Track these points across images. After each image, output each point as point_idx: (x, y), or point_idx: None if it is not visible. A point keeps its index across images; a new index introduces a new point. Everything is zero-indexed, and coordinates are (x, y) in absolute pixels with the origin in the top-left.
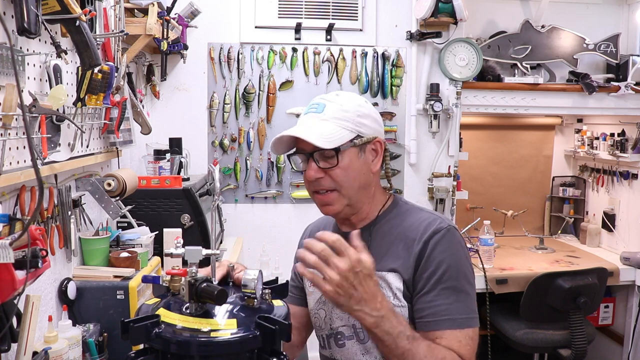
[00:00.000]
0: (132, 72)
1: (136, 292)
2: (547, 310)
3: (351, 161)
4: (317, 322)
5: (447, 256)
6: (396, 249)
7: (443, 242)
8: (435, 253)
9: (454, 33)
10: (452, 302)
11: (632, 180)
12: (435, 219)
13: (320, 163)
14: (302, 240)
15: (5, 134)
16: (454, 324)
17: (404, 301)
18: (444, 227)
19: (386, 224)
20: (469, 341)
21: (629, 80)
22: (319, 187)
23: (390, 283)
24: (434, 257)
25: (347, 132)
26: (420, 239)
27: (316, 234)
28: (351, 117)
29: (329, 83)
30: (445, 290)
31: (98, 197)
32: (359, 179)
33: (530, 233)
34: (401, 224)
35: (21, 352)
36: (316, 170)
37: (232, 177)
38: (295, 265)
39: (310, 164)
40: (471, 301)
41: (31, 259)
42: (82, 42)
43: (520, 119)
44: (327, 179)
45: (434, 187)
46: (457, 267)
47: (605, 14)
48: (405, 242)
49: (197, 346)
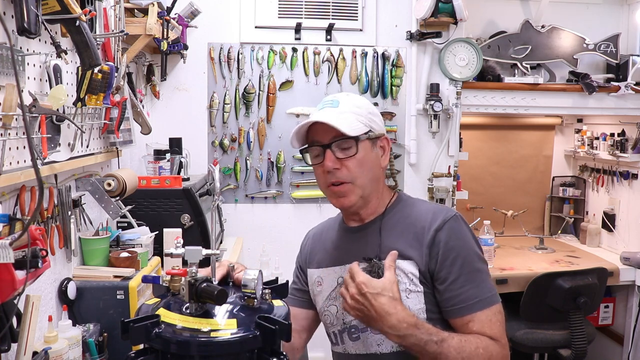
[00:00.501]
0: (132, 72)
1: (136, 292)
2: (547, 310)
3: (366, 153)
4: (328, 319)
5: (463, 243)
6: (407, 238)
7: (455, 229)
8: (451, 242)
9: (454, 33)
10: (478, 284)
11: (632, 180)
12: (441, 209)
13: (337, 154)
14: (304, 244)
15: (5, 134)
16: (484, 304)
17: (420, 286)
18: (451, 215)
19: (394, 216)
20: (498, 316)
21: (629, 80)
22: (334, 178)
23: (405, 270)
24: (452, 246)
25: (362, 125)
26: (430, 228)
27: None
28: (364, 113)
29: (329, 83)
30: (470, 274)
31: (98, 197)
32: (372, 171)
33: (530, 233)
34: (409, 215)
35: (21, 352)
36: (334, 161)
37: (232, 177)
38: None
39: (327, 155)
40: (489, 279)
41: (31, 259)
42: (82, 42)
43: (520, 119)
44: (343, 170)
45: (434, 187)
46: (472, 251)
47: (605, 14)
48: (415, 232)
49: (197, 346)
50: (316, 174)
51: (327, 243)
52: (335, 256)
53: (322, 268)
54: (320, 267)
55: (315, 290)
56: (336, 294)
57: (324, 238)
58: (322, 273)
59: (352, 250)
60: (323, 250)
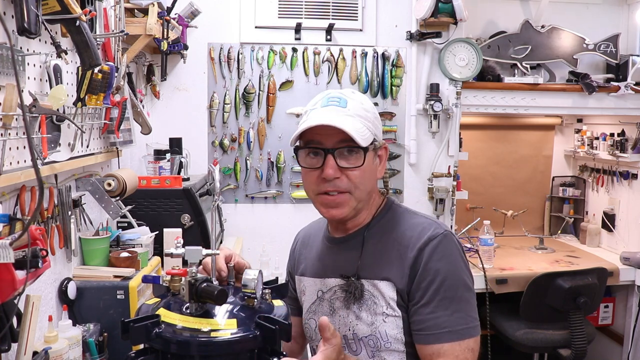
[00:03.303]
0: (132, 72)
1: (136, 292)
2: (547, 310)
3: (369, 164)
4: (307, 333)
5: (444, 265)
6: (389, 256)
7: (439, 249)
8: (432, 262)
9: (454, 33)
10: (452, 312)
11: (632, 180)
12: (430, 225)
13: (340, 162)
14: (293, 249)
15: (6, 134)
16: (454, 336)
17: (398, 310)
18: (439, 233)
19: (380, 228)
20: (469, 353)
21: (628, 80)
22: (332, 187)
23: (383, 292)
24: (431, 267)
25: (369, 134)
26: (414, 246)
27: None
28: (371, 118)
29: (329, 83)
30: (444, 300)
31: (98, 197)
32: (370, 183)
33: (530, 233)
34: (394, 229)
35: (21, 352)
36: (335, 169)
37: (232, 177)
38: None
39: (328, 161)
40: (471, 308)
41: (31, 259)
42: (82, 42)
43: (520, 119)
44: (343, 179)
45: (434, 187)
46: (455, 275)
47: (605, 14)
48: (398, 249)
49: (197, 346)
50: (307, 177)
51: (312, 251)
52: (317, 267)
53: (306, 277)
54: (304, 275)
55: (301, 300)
56: (315, 308)
57: (310, 244)
58: (306, 282)
59: (331, 265)
60: (307, 258)
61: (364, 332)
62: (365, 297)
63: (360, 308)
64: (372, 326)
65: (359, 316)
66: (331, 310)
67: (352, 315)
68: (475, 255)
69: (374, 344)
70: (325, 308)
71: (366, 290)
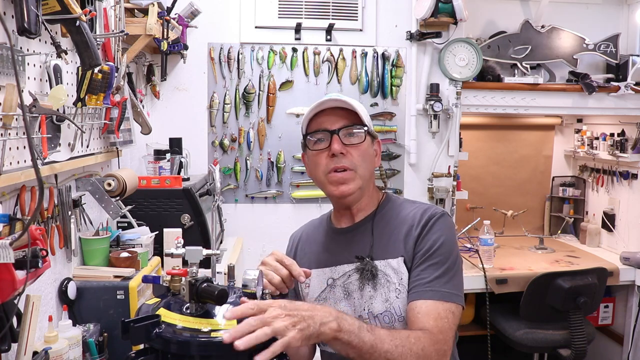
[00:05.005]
0: (132, 72)
1: (136, 292)
2: (547, 310)
3: (368, 147)
4: None
5: (439, 235)
6: (397, 236)
7: (437, 224)
8: (429, 234)
9: (454, 33)
10: (439, 275)
11: (632, 180)
12: (430, 206)
13: (344, 140)
14: (290, 249)
15: (6, 134)
16: (438, 295)
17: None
18: (439, 212)
19: (385, 215)
20: (449, 315)
21: (628, 80)
22: (339, 163)
23: (396, 269)
24: (429, 237)
25: (367, 120)
26: (418, 224)
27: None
28: (366, 113)
29: (329, 83)
30: (434, 265)
31: (98, 197)
32: (370, 166)
33: (530, 233)
34: (399, 213)
35: (21, 352)
36: (341, 145)
37: (232, 177)
38: None
39: (334, 139)
40: (458, 281)
41: (31, 259)
42: (82, 42)
43: (520, 119)
44: (347, 157)
45: (434, 187)
46: (448, 246)
47: (605, 14)
48: (405, 229)
49: (197, 346)
50: (316, 160)
51: (314, 245)
52: (325, 258)
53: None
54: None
55: (303, 292)
56: (326, 295)
57: (311, 240)
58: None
59: (343, 251)
60: (309, 252)
61: (379, 309)
62: (379, 276)
63: (374, 287)
64: (387, 302)
65: (374, 295)
66: (345, 294)
67: (366, 295)
68: (475, 255)
69: (389, 319)
70: (338, 293)
71: (380, 270)
